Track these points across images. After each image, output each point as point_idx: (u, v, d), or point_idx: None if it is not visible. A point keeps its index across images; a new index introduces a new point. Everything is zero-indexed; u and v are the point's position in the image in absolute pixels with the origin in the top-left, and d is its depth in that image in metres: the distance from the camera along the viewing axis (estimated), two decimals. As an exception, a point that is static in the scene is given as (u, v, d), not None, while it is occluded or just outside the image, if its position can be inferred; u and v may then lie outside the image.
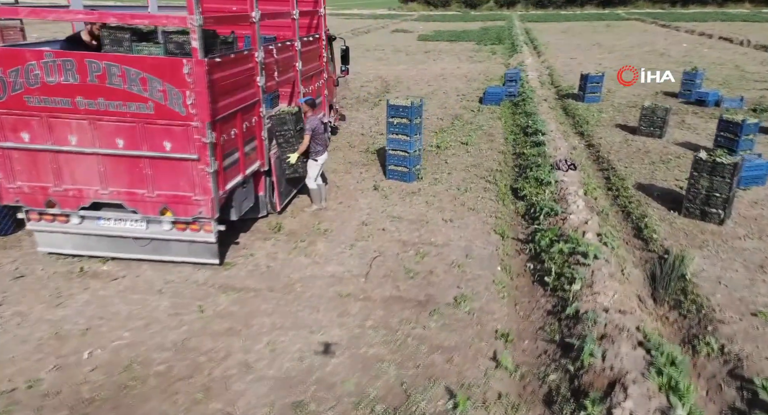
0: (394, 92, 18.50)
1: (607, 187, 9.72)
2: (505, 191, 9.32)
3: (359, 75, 21.75)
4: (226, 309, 5.72)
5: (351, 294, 6.09)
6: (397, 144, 9.59)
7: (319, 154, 8.16)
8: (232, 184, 6.47)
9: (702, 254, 7.05)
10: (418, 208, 8.61)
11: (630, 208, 8.58)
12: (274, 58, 7.70)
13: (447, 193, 9.25)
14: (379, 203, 8.77)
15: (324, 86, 10.48)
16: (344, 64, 12.30)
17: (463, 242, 7.47)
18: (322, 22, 10.19)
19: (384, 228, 7.86)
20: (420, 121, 9.60)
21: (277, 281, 6.33)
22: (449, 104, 16.61)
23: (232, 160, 6.43)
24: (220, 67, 5.92)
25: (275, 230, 7.67)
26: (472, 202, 8.84)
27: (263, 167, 7.49)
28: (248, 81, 6.82)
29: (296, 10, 8.54)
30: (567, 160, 9.64)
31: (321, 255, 7.00)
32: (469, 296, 6.15)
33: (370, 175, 10.08)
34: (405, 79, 21.31)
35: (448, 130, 13.42)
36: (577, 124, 14.10)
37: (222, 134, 6.06)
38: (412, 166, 9.60)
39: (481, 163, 10.86)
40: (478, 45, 33.99)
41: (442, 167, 10.57)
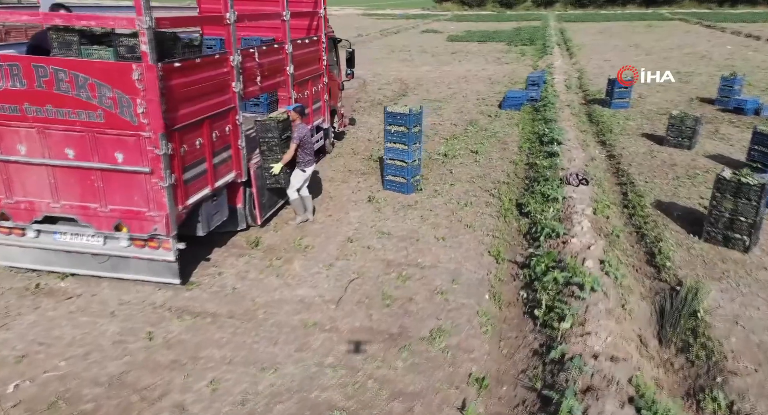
0: (412, 95, 17.88)
1: (623, 204, 8.90)
2: (508, 207, 8.61)
3: (379, 77, 21.22)
4: (176, 337, 5.25)
5: (317, 324, 5.54)
6: (394, 153, 8.99)
7: (307, 165, 7.65)
8: (197, 199, 6.00)
9: (720, 286, 6.23)
10: (411, 223, 8.00)
11: (645, 229, 7.78)
12: (257, 62, 7.22)
13: (445, 207, 8.60)
14: (370, 217, 8.19)
15: (323, 91, 9.97)
16: (349, 68, 11.75)
17: (452, 265, 6.83)
18: (322, 23, 9.67)
19: (370, 246, 7.28)
20: (419, 130, 8.98)
21: (240, 305, 5.83)
22: (466, 109, 15.90)
23: (197, 172, 5.96)
24: (180, 73, 5.46)
25: (252, 245, 7.19)
26: (470, 219, 8.17)
27: (241, 178, 7.02)
28: (221, 87, 6.35)
29: (287, 11, 8.03)
30: (579, 174, 8.86)
31: (295, 276, 6.47)
32: (448, 329, 5.52)
33: (368, 186, 9.51)
34: (426, 81, 20.66)
35: (459, 136, 12.74)
36: (601, 132, 13.21)
37: (182, 145, 5.59)
38: (410, 177, 8.99)
39: (489, 175, 10.16)
40: (508, 46, 33.01)
41: (446, 178, 9.92)
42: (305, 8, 9.67)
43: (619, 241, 7.42)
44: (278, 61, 8.01)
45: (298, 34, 9.43)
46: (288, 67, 8.24)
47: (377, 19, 57.33)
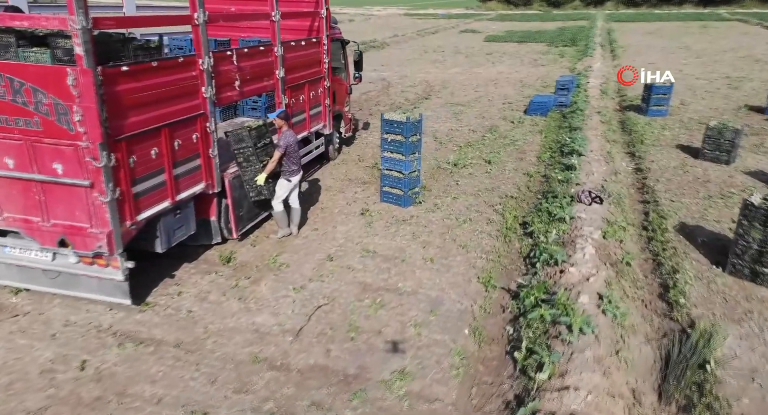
0: (435, 98, 17.18)
1: (644, 225, 8.00)
2: (511, 225, 7.85)
3: (405, 79, 20.59)
4: (109, 369, 4.80)
5: (267, 359, 4.99)
6: (391, 163, 8.37)
7: (293, 174, 7.14)
8: (152, 213, 5.56)
9: (740, 331, 5.36)
10: (401, 240, 7.36)
11: (662, 257, 6.90)
12: (236, 66, 6.74)
13: (442, 223, 7.92)
14: (358, 232, 7.60)
15: (325, 95, 9.43)
16: (357, 71, 11.17)
17: (434, 291, 6.17)
18: (323, 24, 9.14)
19: (350, 265, 6.70)
20: (418, 139, 8.32)
21: (190, 332, 5.35)
22: (489, 114, 15.08)
23: (152, 184, 5.51)
24: (129, 77, 5.02)
25: (224, 261, 6.72)
26: (466, 237, 7.47)
27: (212, 189, 6.56)
28: (187, 92, 5.90)
29: (276, 11, 7.53)
30: (592, 191, 8.01)
31: (259, 299, 5.95)
32: (413, 371, 4.88)
33: (365, 197, 8.93)
34: (453, 83, 19.88)
35: (475, 144, 11.98)
36: (631, 142, 12.19)
37: (131, 155, 5.15)
38: (407, 189, 8.35)
39: (498, 188, 9.40)
40: (547, 47, 31.76)
41: (450, 190, 9.22)
42: (305, 8, 9.16)
43: (630, 270, 6.58)
44: (265, 64, 7.52)
45: (298, 36, 8.96)
46: (278, 70, 7.74)
47: (418, 19, 56.58)
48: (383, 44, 31.53)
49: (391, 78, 20.55)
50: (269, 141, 7.19)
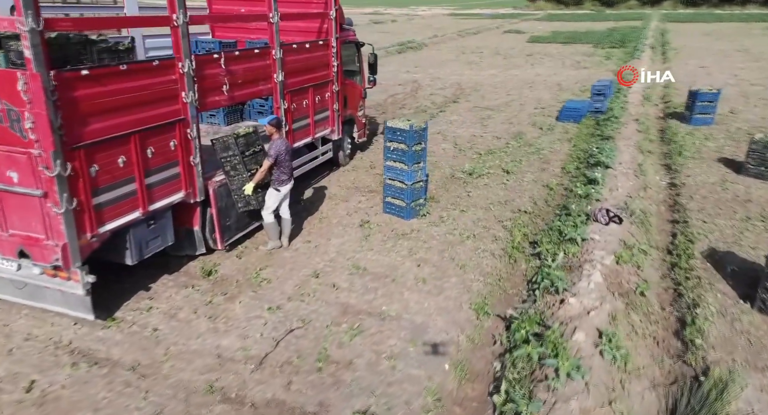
0: (463, 102, 16.55)
1: (669, 249, 7.24)
2: (518, 244, 7.24)
3: (436, 81, 20.01)
4: (56, 392, 4.53)
5: (222, 389, 4.62)
6: (394, 173, 7.89)
7: (283, 184, 6.78)
8: (119, 224, 5.28)
9: (762, 381, 4.64)
10: (395, 257, 6.88)
11: (684, 287, 6.17)
12: (224, 69, 6.42)
13: (443, 238, 7.39)
14: (352, 246, 7.17)
15: (333, 99, 9.04)
16: (371, 75, 10.72)
17: (420, 317, 5.66)
18: (332, 26, 8.74)
19: (335, 284, 6.27)
20: (422, 148, 7.81)
21: (150, 353, 5.03)
22: (518, 119, 14.36)
23: (119, 194, 5.23)
24: (90, 82, 4.75)
25: (204, 274, 6.41)
26: (466, 256, 6.92)
27: (194, 198, 6.26)
28: (163, 97, 5.61)
29: (274, 13, 7.18)
30: (610, 210, 7.29)
31: (230, 318, 5.59)
32: (377, 412, 4.40)
33: (368, 207, 8.48)
34: (485, 86, 19.18)
35: (496, 152, 11.34)
36: (668, 154, 11.27)
37: (92, 164, 4.88)
38: (410, 201, 7.85)
39: (513, 201, 8.77)
40: (593, 48, 30.46)
41: (460, 201, 8.66)
42: (314, 10, 8.79)
43: (645, 301, 5.88)
44: (261, 67, 7.18)
45: (307, 38, 8.62)
46: (276, 74, 7.39)
47: (462, 19, 55.65)
48: (421, 45, 30.98)
49: (422, 80, 20.01)
50: (260, 149, 6.85)
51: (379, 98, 16.52)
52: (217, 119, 8.97)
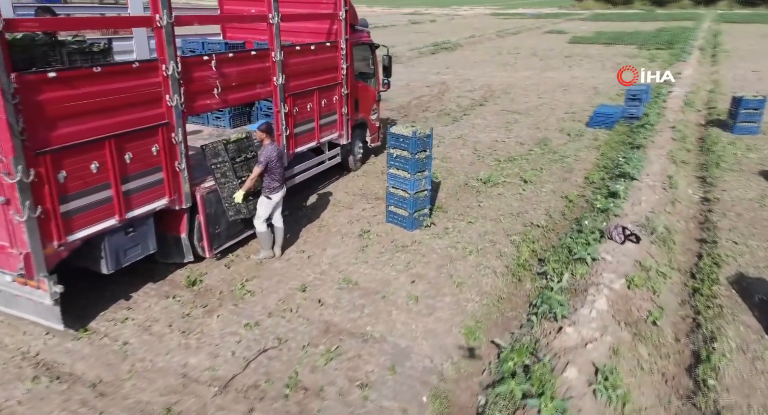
0: (491, 105, 15.98)
1: (693, 272, 6.60)
2: (524, 261, 6.75)
3: (466, 83, 19.46)
4: (11, 408, 4.34)
5: (180, 414, 4.35)
6: (396, 181, 7.51)
7: (273, 192, 6.50)
8: (91, 232, 5.10)
9: (783, 439, 4.04)
10: (390, 271, 6.50)
11: (703, 316, 5.57)
12: (215, 72, 6.18)
13: (444, 252, 6.96)
14: (347, 258, 6.83)
15: (341, 103, 8.72)
16: (386, 77, 10.35)
17: (404, 340, 5.27)
18: (342, 27, 8.42)
19: (321, 299, 5.94)
20: (427, 156, 7.39)
21: (114, 370, 4.81)
22: (546, 124, 13.71)
23: (91, 201, 5.04)
24: (59, 85, 4.57)
25: (189, 284, 6.19)
26: (466, 272, 6.48)
27: (179, 205, 6.05)
28: (144, 100, 5.41)
29: (275, 14, 6.92)
30: (627, 227, 6.71)
31: (205, 334, 5.33)
32: (338, 447, 4.05)
33: (371, 215, 8.12)
34: (517, 88, 18.52)
35: (517, 159, 10.78)
36: (704, 165, 10.48)
37: (60, 170, 4.70)
38: (412, 211, 7.45)
39: (526, 213, 8.25)
40: (638, 50, 29.18)
41: (469, 212, 8.20)
42: (323, 10, 8.48)
43: (657, 331, 5.33)
44: (259, 69, 6.93)
45: (317, 39, 8.34)
46: (276, 77, 7.12)
47: (504, 19, 54.56)
48: (456, 45, 30.38)
49: (450, 82, 19.50)
50: (252, 155, 6.60)
51: (402, 100, 16.15)
52: (222, 122, 8.79)
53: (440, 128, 13.25)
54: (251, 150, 6.58)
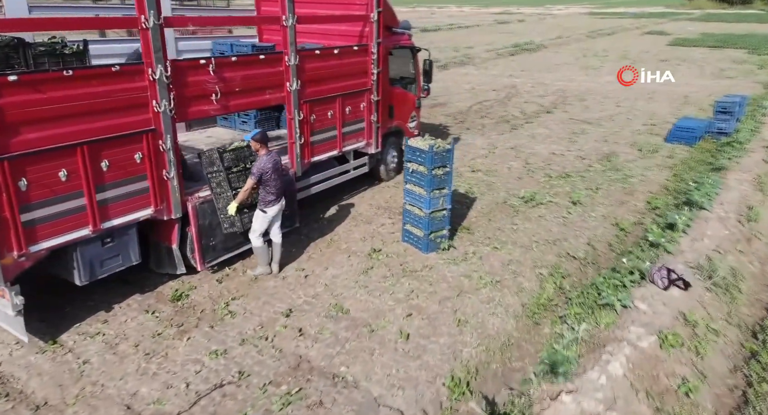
0: (559, 112, 14.74)
1: (754, 331, 5.41)
2: (546, 300, 5.85)
3: (538, 87, 18.19)
4: (-55, 421, 4.22)
5: (107, 449, 4.00)
6: (412, 198, 6.84)
7: (269, 205, 6.07)
8: (58, 242, 4.88)
9: None
10: (388, 300, 5.85)
11: (756, 391, 4.46)
12: (214, 76, 5.83)
13: (456, 282, 6.19)
14: (346, 280, 6.25)
15: (370, 109, 8.15)
16: (426, 82, 9.63)
17: (379, 388, 4.60)
18: (373, 29, 7.84)
19: (303, 329, 5.40)
20: (447, 173, 6.65)
21: (63, 392, 4.52)
22: (618, 136, 12.35)
23: (59, 210, 4.80)
24: (21, 88, 4.35)
25: (174, 299, 5.88)
26: (473, 309, 5.69)
27: (168, 215, 5.76)
28: (126, 105, 5.12)
29: (289, 16, 6.47)
30: (674, 270, 5.60)
31: (168, 359, 4.95)
32: None
33: (389, 232, 7.48)
34: (594, 94, 17.02)
35: (573, 175, 9.69)
36: (800, 192, 8.85)
37: (21, 178, 4.48)
38: (427, 232, 6.74)
39: (565, 241, 7.26)
40: (747, 54, 26.20)
41: (499, 236, 7.35)
42: (356, 11, 7.93)
43: (690, 406, 4.31)
44: (269, 74, 6.52)
45: (349, 43, 7.85)
46: (289, 82, 6.68)
47: (600, 19, 51.43)
48: (539, 47, 28.77)
49: (522, 85, 18.30)
50: (246, 165, 6.21)
51: (463, 105, 15.29)
52: (248, 126, 8.50)
53: (494, 137, 12.32)
54: (251, 160, 6.18)
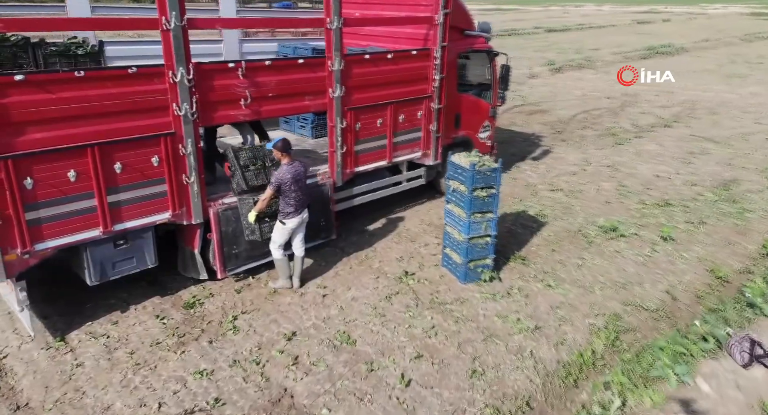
0: (680, 127, 12.86)
1: None
2: (588, 358, 4.85)
3: (661, 96, 16.07)
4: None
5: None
6: (452, 219, 6.13)
7: (288, 217, 5.72)
8: (66, 242, 4.89)
9: None
10: (402, 335, 5.21)
11: None
12: (244, 80, 5.59)
13: (488, 322, 5.38)
14: (364, 306, 5.71)
15: (429, 118, 7.50)
16: (502, 90, 8.70)
17: (352, 442, 4.03)
18: (438, 32, 7.17)
19: (299, 357, 4.95)
20: (490, 195, 5.82)
21: (46, 396, 4.40)
22: (745, 160, 10.43)
23: (67, 210, 4.78)
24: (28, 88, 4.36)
25: (186, 306, 5.74)
26: (496, 359, 4.87)
27: (187, 220, 5.62)
28: (142, 108, 5.02)
29: (335, 17, 6.07)
30: (762, 345, 4.34)
31: (154, 373, 4.73)
32: None
33: (431, 253, 6.80)
34: (730, 108, 14.69)
35: (674, 205, 8.25)
36: None
37: (25, 177, 4.51)
38: (466, 259, 5.97)
39: (639, 285, 6.10)
40: None
41: (558, 271, 6.36)
42: (421, 12, 7.32)
43: None
44: (309, 79, 6.17)
45: (414, 46, 7.31)
46: (332, 88, 6.28)
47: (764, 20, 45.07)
48: (678, 50, 25.68)
49: (643, 93, 16.26)
50: (272, 164, 5.93)
51: (566, 113, 13.92)
52: (305, 131, 8.26)
53: (592, 151, 10.98)
54: (271, 158, 5.88)
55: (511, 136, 12.02)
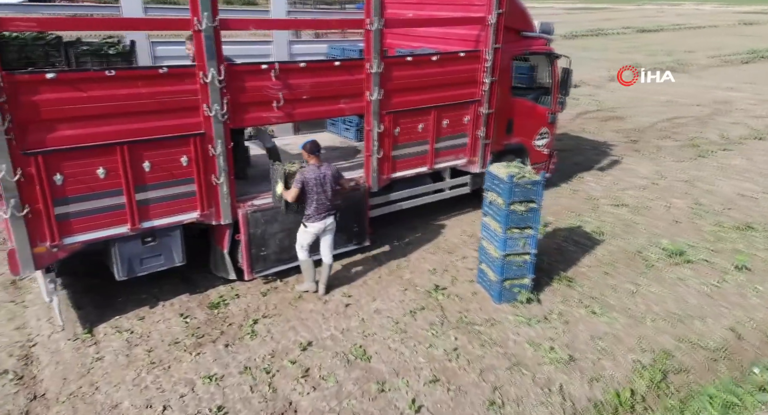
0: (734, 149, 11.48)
1: None
2: (627, 400, 4.32)
3: (761, 104, 14.52)
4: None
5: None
6: (488, 233, 5.71)
7: (308, 220, 5.59)
8: (94, 237, 4.99)
9: None
10: (420, 356, 4.89)
11: None
12: (278, 82, 5.50)
13: (518, 349, 4.95)
14: (386, 320, 5.43)
15: (477, 123, 7.11)
16: (562, 95, 8.09)
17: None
18: (490, 33, 6.77)
19: (310, 369, 4.77)
20: (530, 210, 5.36)
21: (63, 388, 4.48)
22: None
23: (95, 206, 4.89)
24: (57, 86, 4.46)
25: (211, 306, 5.72)
26: (519, 392, 4.44)
27: (216, 220, 5.61)
28: (172, 108, 5.03)
29: (375, 19, 5.84)
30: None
31: (167, 373, 4.68)
32: None
33: (467, 267, 6.42)
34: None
35: (754, 228, 7.36)
36: None
37: (56, 172, 4.63)
38: (501, 278, 5.54)
39: (699, 319, 5.42)
40: None
41: (610, 296, 5.79)
42: (474, 13, 6.93)
43: None
44: (346, 82, 5.99)
45: (466, 47, 6.98)
46: (370, 91, 6.07)
47: None
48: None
49: (739, 102, 14.78)
50: None
51: (646, 121, 12.88)
52: (350, 133, 8.10)
53: (668, 164, 10.05)
54: None
55: (578, 143, 11.26)
